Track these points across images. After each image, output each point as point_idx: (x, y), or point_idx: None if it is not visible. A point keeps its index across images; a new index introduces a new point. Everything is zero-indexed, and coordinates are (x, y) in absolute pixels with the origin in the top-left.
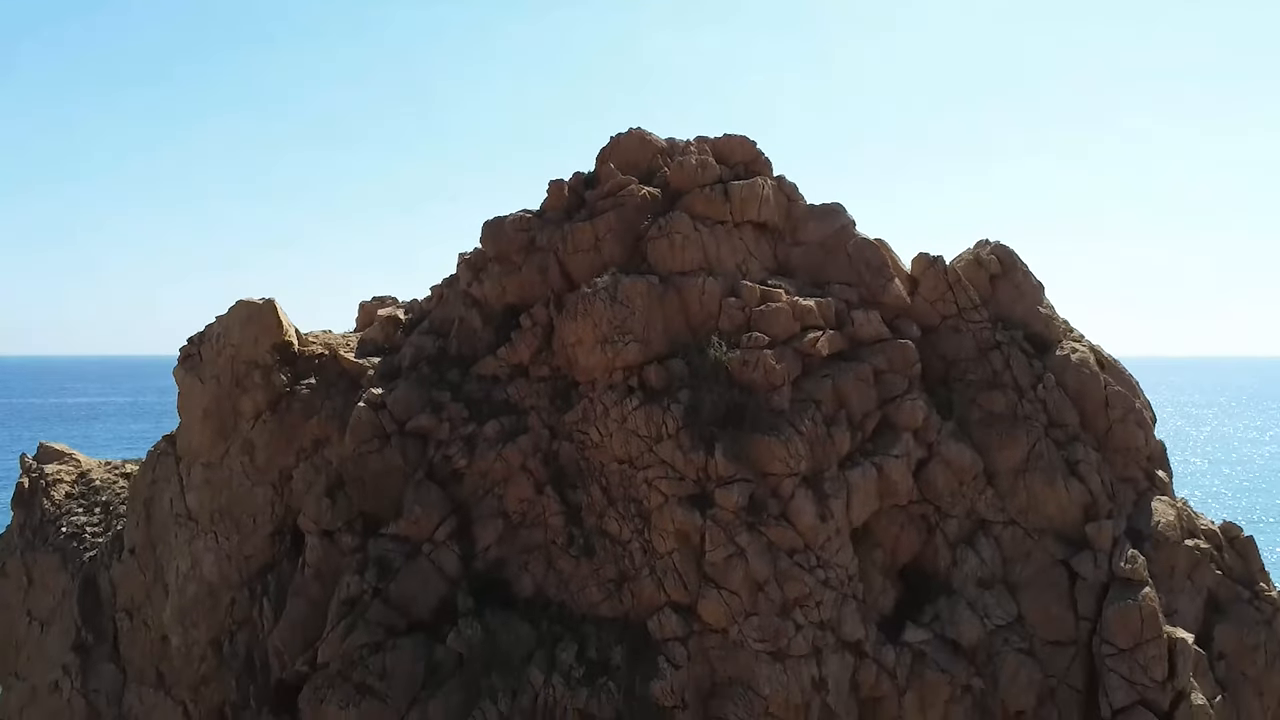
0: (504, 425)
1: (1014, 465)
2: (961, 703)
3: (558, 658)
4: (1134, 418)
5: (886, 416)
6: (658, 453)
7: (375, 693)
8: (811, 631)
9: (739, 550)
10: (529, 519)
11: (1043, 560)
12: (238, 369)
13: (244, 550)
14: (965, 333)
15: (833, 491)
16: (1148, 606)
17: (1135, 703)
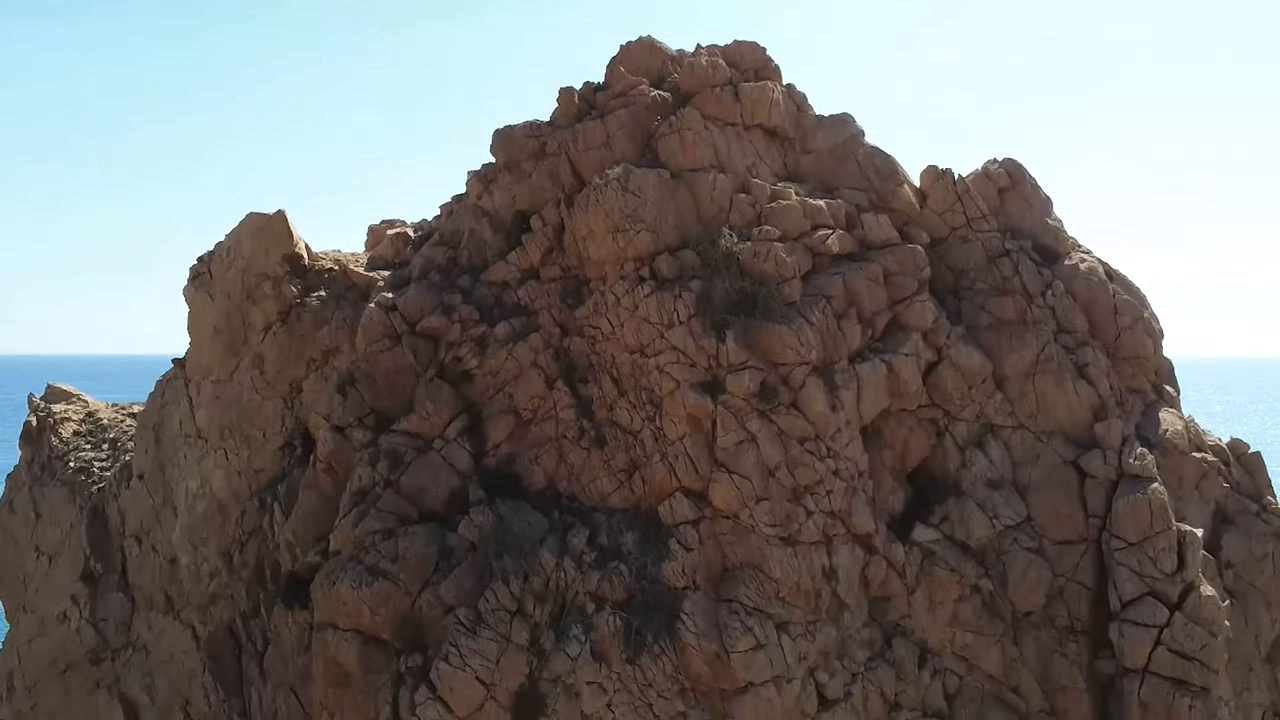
0: (514, 326)
1: (1023, 369)
2: (970, 602)
3: (569, 543)
4: (1142, 326)
5: (896, 317)
6: (669, 339)
7: (388, 575)
8: (822, 519)
9: (750, 436)
10: (540, 415)
11: (1052, 462)
12: (248, 281)
13: (254, 464)
14: (974, 242)
15: (843, 383)
16: (1157, 499)
17: (1144, 594)
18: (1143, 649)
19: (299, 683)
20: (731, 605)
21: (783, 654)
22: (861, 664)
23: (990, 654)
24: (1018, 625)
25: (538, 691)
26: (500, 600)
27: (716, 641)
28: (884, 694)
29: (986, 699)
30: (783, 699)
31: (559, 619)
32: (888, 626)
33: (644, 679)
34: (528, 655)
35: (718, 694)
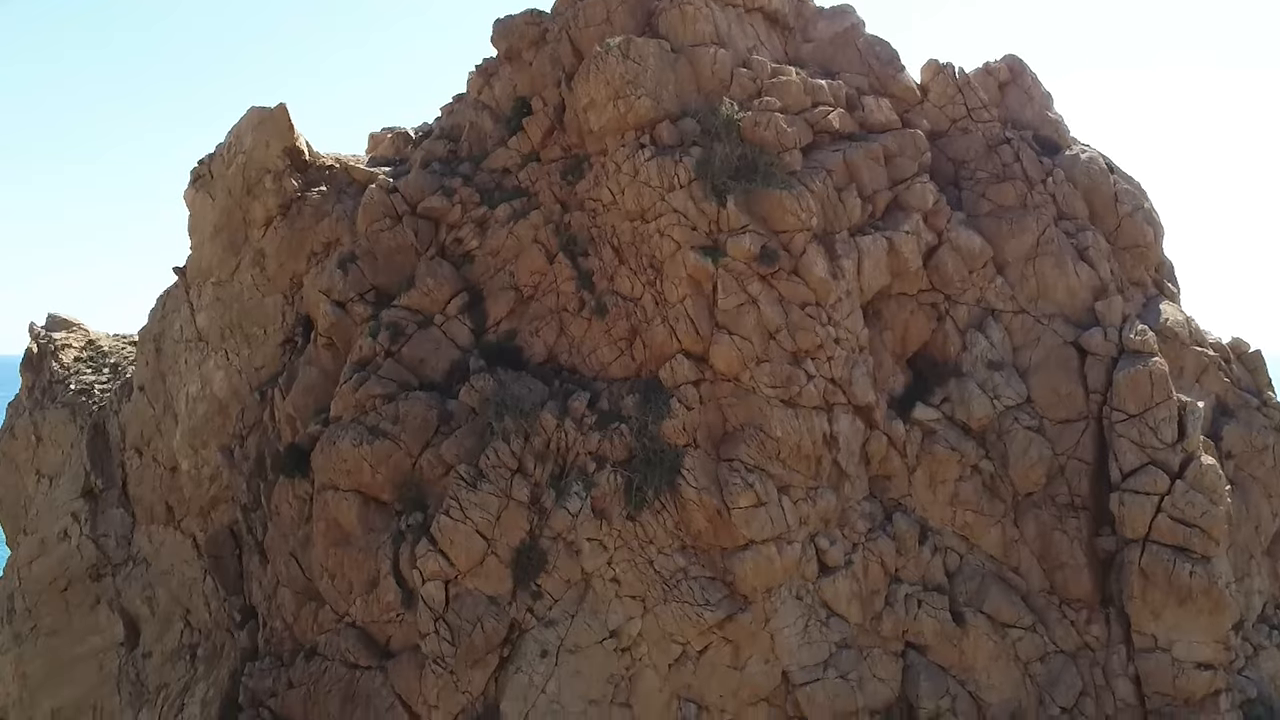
0: (515, 207)
1: (1023, 253)
2: (971, 481)
3: (570, 406)
4: (1143, 215)
5: (897, 198)
6: (669, 202)
7: (388, 435)
8: (822, 384)
9: (750, 299)
10: (541, 290)
11: (1052, 343)
12: (249, 176)
13: (254, 362)
14: (974, 133)
15: (843, 252)
16: (1158, 370)
17: (1145, 464)
18: (1143, 517)
19: (300, 549)
20: (732, 464)
21: (784, 514)
22: (862, 534)
23: (990, 534)
24: (1018, 507)
25: (538, 548)
26: (501, 458)
27: (717, 497)
28: (884, 565)
29: (987, 577)
30: (783, 559)
31: (559, 478)
32: (888, 504)
33: (644, 535)
34: (528, 512)
35: (718, 551)
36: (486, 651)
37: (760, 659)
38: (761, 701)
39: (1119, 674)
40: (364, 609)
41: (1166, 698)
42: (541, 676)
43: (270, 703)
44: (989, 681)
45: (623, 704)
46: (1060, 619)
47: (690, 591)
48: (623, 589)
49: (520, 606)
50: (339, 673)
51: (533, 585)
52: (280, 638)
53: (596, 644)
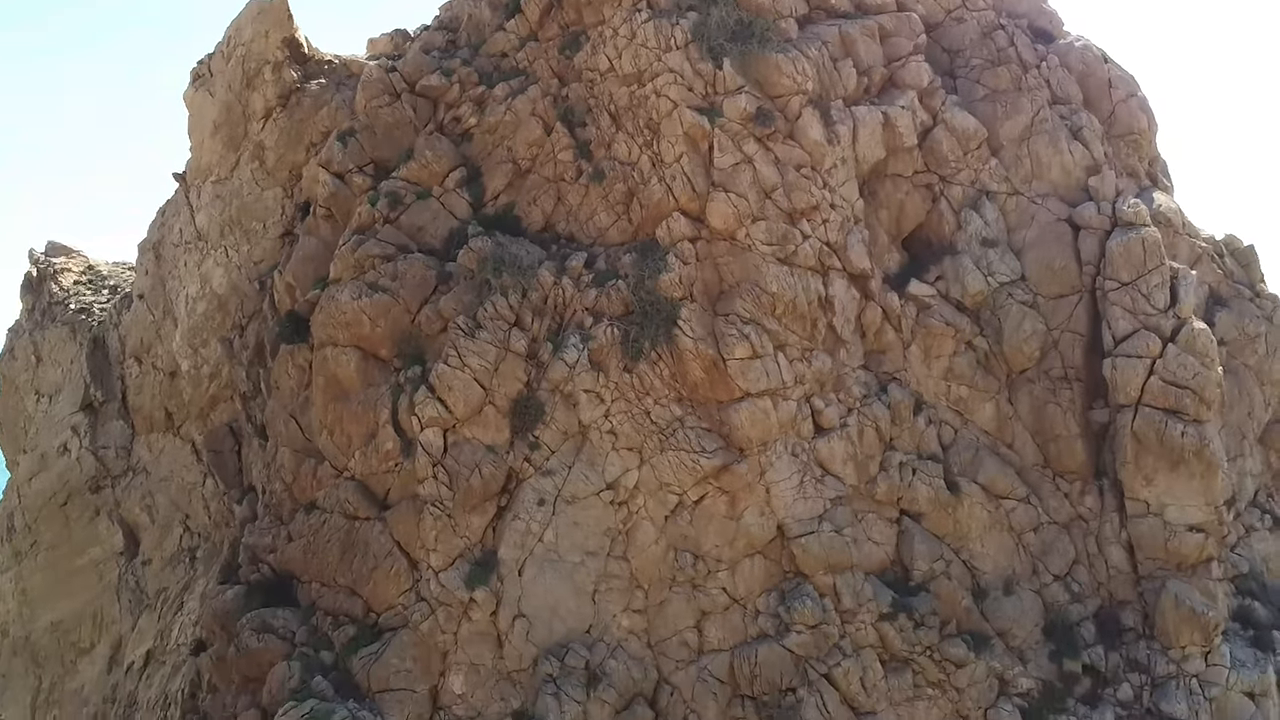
0: (513, 86)
1: (1017, 134)
2: (965, 357)
3: (567, 265)
4: (1137, 102)
5: (892, 76)
6: (666, 62)
7: (387, 290)
8: (818, 246)
9: (746, 158)
10: (538, 161)
11: (1046, 220)
12: (248, 68)
13: (253, 257)
14: (969, 21)
15: (839, 119)
16: (1151, 238)
17: (1138, 329)
18: (1136, 381)
19: (299, 411)
20: (729, 318)
21: (779, 370)
22: (858, 399)
23: (985, 409)
24: (1012, 384)
25: (536, 399)
26: (499, 311)
27: (714, 348)
28: (880, 431)
29: (981, 449)
30: (778, 414)
31: (557, 333)
32: (883, 378)
33: (641, 386)
34: (526, 364)
35: (714, 404)
36: (484, 498)
37: (756, 511)
38: (757, 554)
39: (1112, 542)
40: (363, 461)
41: (1158, 562)
42: (539, 525)
43: (269, 558)
44: (983, 550)
45: (620, 556)
46: (1054, 491)
47: (687, 440)
48: (619, 441)
49: (518, 456)
50: (338, 523)
51: (530, 436)
52: (279, 499)
53: (594, 495)
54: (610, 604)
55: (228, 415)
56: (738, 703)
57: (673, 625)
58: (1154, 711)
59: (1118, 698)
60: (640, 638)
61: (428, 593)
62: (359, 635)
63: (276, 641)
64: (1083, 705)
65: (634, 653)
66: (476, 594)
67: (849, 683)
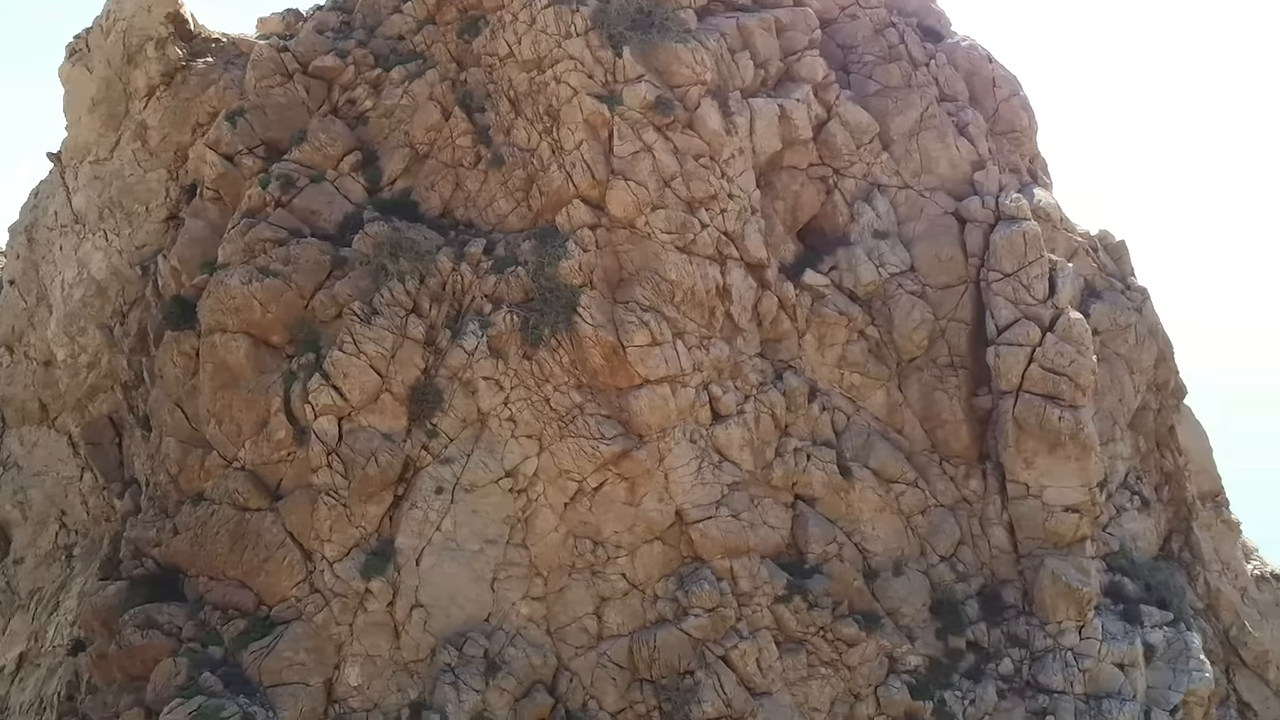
0: (410, 69)
1: (908, 129)
2: (858, 345)
3: (466, 252)
4: (1019, 101)
5: (789, 69)
6: (566, 49)
7: (280, 275)
8: (716, 235)
9: (646, 147)
10: (436, 146)
11: (934, 213)
12: (129, 43)
13: (135, 241)
14: (862, 18)
15: (737, 110)
16: (1031, 231)
17: (1019, 319)
18: (1017, 368)
19: (186, 399)
20: (628, 305)
21: (678, 357)
22: (755, 386)
23: (876, 396)
24: (902, 372)
25: (434, 387)
26: (396, 297)
27: (613, 334)
28: (775, 418)
29: (873, 435)
30: (677, 400)
31: (456, 320)
32: (778, 366)
33: (541, 373)
34: (424, 351)
35: (614, 391)
36: (381, 487)
37: (655, 497)
38: (656, 540)
39: (994, 522)
40: (253, 450)
41: (1037, 541)
42: (437, 514)
43: (154, 552)
44: (874, 532)
45: (519, 544)
46: (941, 475)
47: (586, 426)
48: (519, 428)
49: (415, 444)
50: (227, 515)
51: (428, 423)
52: (164, 491)
53: (493, 483)
54: (509, 592)
55: (108, 406)
56: (637, 687)
57: (572, 612)
58: (1032, 683)
59: (999, 671)
60: (539, 625)
61: (322, 584)
62: (250, 628)
63: (161, 637)
64: (967, 680)
65: (533, 640)
66: (373, 584)
67: (745, 664)
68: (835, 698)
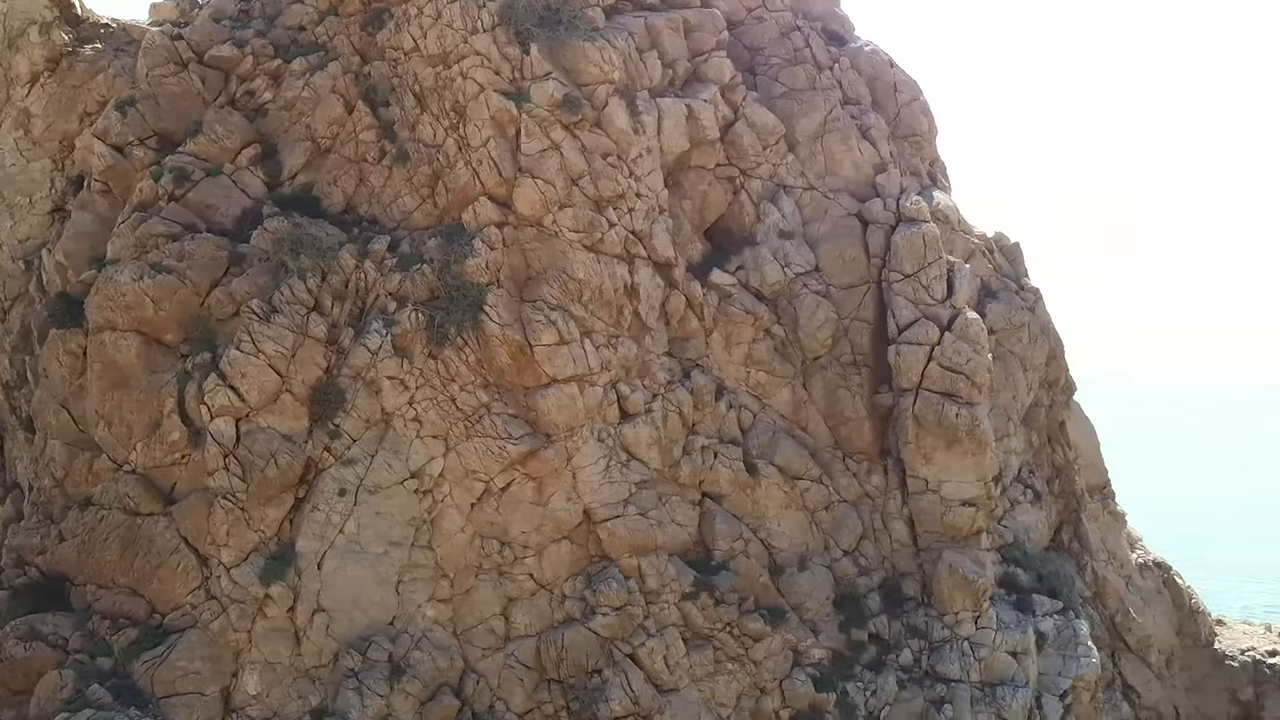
0: (311, 61)
1: (812, 131)
2: (764, 343)
3: (370, 249)
4: (919, 106)
5: (696, 70)
6: (473, 44)
7: (173, 271)
8: (624, 234)
9: (553, 145)
10: (339, 140)
11: (838, 214)
12: (10, 27)
13: (18, 234)
14: (768, 21)
15: (644, 109)
16: (930, 233)
17: (919, 319)
18: (917, 366)
19: (72, 400)
20: (535, 304)
21: (586, 356)
22: (662, 385)
23: (781, 394)
24: (807, 370)
25: (336, 386)
26: (296, 294)
27: (520, 333)
28: (683, 416)
29: (778, 433)
30: (585, 400)
31: (359, 318)
32: (686, 364)
33: (447, 373)
34: (325, 350)
35: (521, 390)
36: (281, 489)
37: (563, 496)
38: (564, 539)
39: (895, 517)
40: (145, 453)
41: (936, 534)
42: (340, 516)
43: (37, 560)
44: (779, 529)
45: (425, 546)
46: (844, 471)
47: (493, 426)
48: (424, 428)
49: (317, 445)
50: (117, 520)
51: (330, 424)
52: (49, 496)
53: (398, 484)
54: (415, 594)
55: None
56: (544, 687)
57: (479, 613)
58: (931, 673)
59: (899, 663)
60: (446, 627)
61: (218, 590)
62: (142, 638)
63: (46, 649)
64: (869, 671)
65: (439, 642)
66: (272, 589)
67: (653, 661)
68: (741, 692)
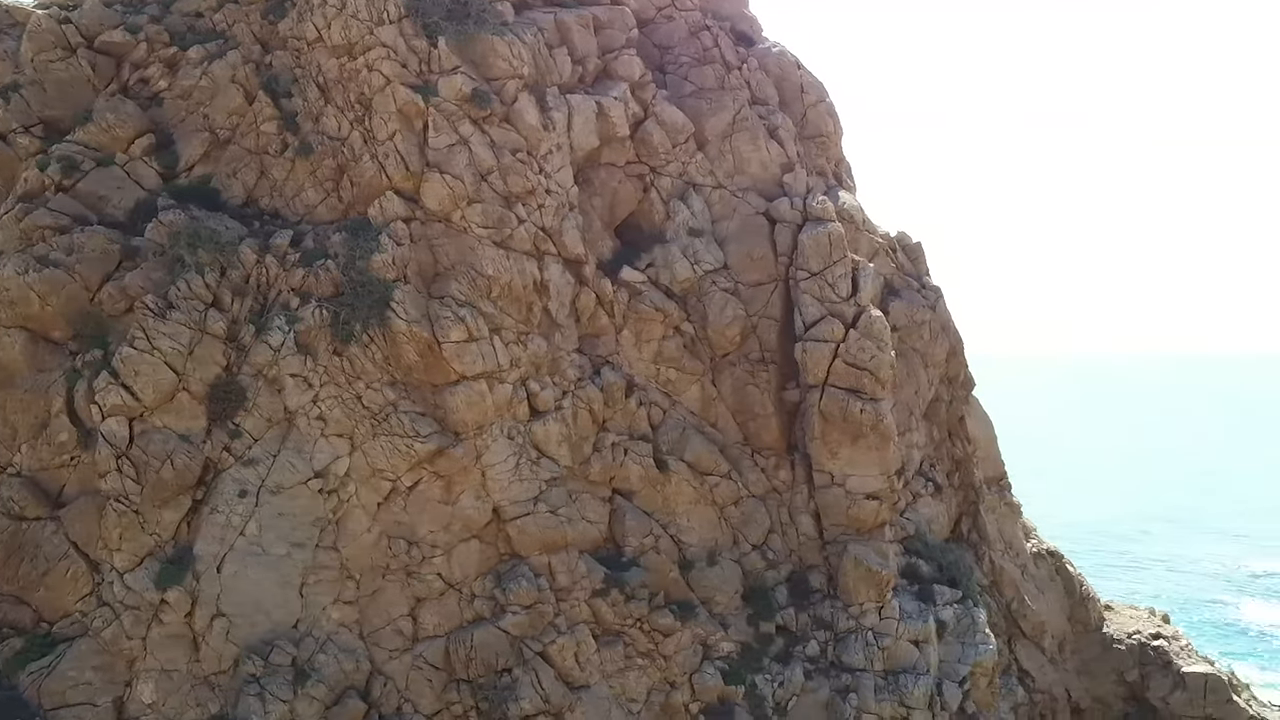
0: (210, 50)
1: (721, 130)
2: (674, 340)
3: (272, 243)
4: (825, 108)
5: (606, 67)
6: (379, 36)
7: (61, 265)
8: (533, 230)
9: (462, 140)
10: (239, 131)
11: (746, 213)
12: None
13: None
14: (678, 20)
15: (555, 106)
16: (835, 232)
17: (824, 316)
18: (823, 363)
19: None
20: (444, 300)
21: (495, 353)
22: (573, 382)
23: (691, 390)
24: (716, 367)
25: (236, 384)
26: (194, 290)
27: (429, 330)
28: (593, 413)
29: (688, 429)
30: (494, 397)
31: (260, 314)
32: (596, 361)
33: (352, 370)
34: (225, 347)
35: (429, 388)
36: (178, 491)
37: (472, 494)
38: (473, 538)
39: (802, 511)
40: (31, 455)
41: (841, 527)
42: (240, 518)
43: None
44: (689, 524)
45: (329, 547)
46: (753, 466)
47: (400, 424)
48: (329, 427)
49: (216, 445)
50: (1, 525)
51: (230, 423)
52: None
53: (301, 484)
54: (319, 596)
55: None
56: (453, 687)
57: (386, 614)
58: (836, 663)
59: (806, 654)
60: (352, 629)
61: (111, 596)
62: (28, 647)
63: None
64: (776, 663)
65: (345, 645)
66: (169, 594)
67: (564, 659)
68: (652, 687)
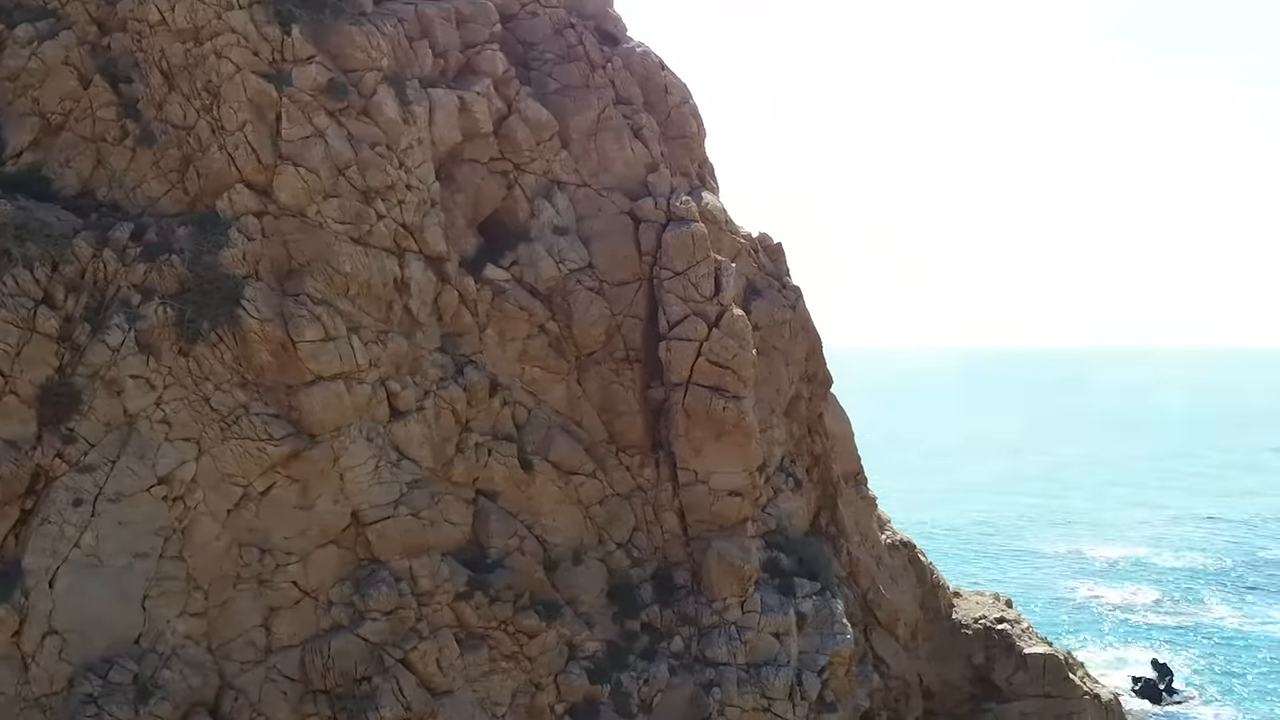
0: (40, 30)
1: (586, 128)
2: (538, 339)
3: (110, 237)
4: (689, 109)
5: (469, 61)
6: (228, 21)
7: None
8: (393, 226)
9: (318, 132)
10: (73, 117)
11: (610, 212)
12: None
13: None
14: (542, 17)
15: (415, 99)
16: (699, 232)
17: (688, 315)
18: (686, 361)
19: None
20: (299, 298)
21: (353, 352)
22: (435, 381)
23: (556, 389)
24: (581, 365)
25: (70, 387)
26: (21, 286)
27: (282, 329)
28: (456, 413)
29: (553, 428)
30: (353, 397)
31: (97, 312)
32: (459, 360)
33: (200, 370)
34: (57, 348)
35: (283, 388)
36: (4, 501)
37: (329, 498)
38: (331, 543)
39: (666, 508)
40: None
41: (705, 524)
42: (75, 528)
43: None
44: (554, 524)
45: (175, 556)
46: (618, 465)
47: (252, 427)
48: (174, 430)
49: (48, 451)
50: None
51: (64, 428)
52: None
53: (143, 491)
54: (164, 609)
55: None
56: (310, 699)
57: (238, 625)
58: (701, 658)
59: (671, 650)
60: (200, 642)
61: None
62: None
63: None
64: (642, 660)
65: (192, 659)
66: None
67: (426, 665)
68: (517, 690)
